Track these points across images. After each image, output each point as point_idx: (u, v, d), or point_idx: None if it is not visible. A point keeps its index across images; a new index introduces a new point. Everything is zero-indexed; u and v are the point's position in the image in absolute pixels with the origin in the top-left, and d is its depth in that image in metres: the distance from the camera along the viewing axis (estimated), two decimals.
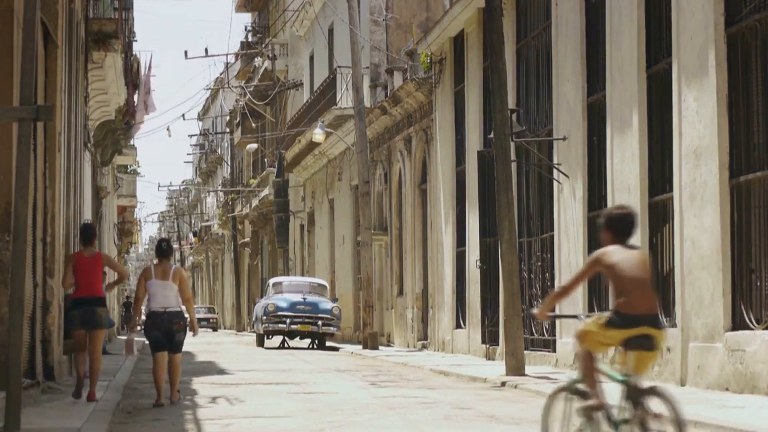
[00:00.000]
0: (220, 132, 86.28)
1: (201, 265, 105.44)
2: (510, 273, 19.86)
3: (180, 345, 14.38)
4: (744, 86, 15.24)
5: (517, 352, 19.49)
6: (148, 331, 14.35)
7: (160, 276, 14.29)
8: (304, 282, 38.29)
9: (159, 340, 14.23)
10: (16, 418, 10.30)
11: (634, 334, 8.03)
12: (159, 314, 14.23)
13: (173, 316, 14.27)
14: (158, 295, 14.24)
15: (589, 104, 20.49)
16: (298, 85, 52.87)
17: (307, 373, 21.74)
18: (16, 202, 10.84)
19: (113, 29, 26.19)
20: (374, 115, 36.29)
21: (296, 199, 53.50)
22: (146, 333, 14.44)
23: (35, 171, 15.00)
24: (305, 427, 11.82)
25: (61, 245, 17.69)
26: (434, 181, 31.15)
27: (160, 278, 14.27)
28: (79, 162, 23.29)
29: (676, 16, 16.70)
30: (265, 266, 63.42)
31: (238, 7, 69.88)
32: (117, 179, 53.28)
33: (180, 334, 14.32)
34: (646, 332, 8.09)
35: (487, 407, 14.09)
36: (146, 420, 12.71)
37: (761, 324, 14.60)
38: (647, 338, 8.05)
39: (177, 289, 14.30)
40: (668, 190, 17.22)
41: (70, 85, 20.02)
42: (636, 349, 8.04)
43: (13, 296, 10.63)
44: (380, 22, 38.91)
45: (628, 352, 8.10)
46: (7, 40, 13.87)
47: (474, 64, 27.61)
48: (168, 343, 14.24)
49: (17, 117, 11.02)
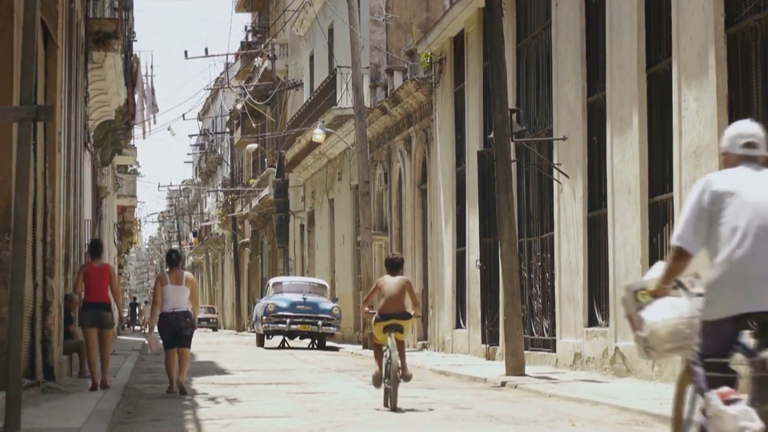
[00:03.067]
0: (220, 132, 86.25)
1: (201, 265, 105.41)
2: (510, 273, 19.86)
3: (187, 339, 16.33)
4: (744, 86, 15.24)
5: (517, 352, 19.49)
6: (160, 331, 16.40)
7: (174, 281, 16.34)
8: (304, 282, 38.29)
9: (169, 339, 16.24)
10: (16, 418, 10.30)
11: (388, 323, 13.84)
12: (168, 315, 16.21)
13: (180, 315, 16.22)
14: (172, 299, 16.26)
15: (589, 104, 20.49)
16: (298, 85, 52.87)
17: (307, 373, 21.74)
18: (16, 202, 10.84)
19: (113, 29, 26.19)
20: (374, 115, 36.28)
21: (296, 199, 53.50)
22: (159, 332, 16.47)
23: (35, 171, 15.00)
24: (305, 427, 11.82)
25: (61, 245, 17.69)
26: (434, 181, 31.14)
27: (175, 283, 16.33)
28: (79, 162, 23.29)
29: (676, 16, 16.70)
30: (265, 266, 63.42)
31: (238, 7, 69.87)
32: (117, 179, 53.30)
33: (187, 330, 16.28)
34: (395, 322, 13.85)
35: (487, 407, 14.09)
36: (146, 420, 12.71)
37: None
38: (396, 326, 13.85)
39: (189, 293, 16.36)
40: (668, 190, 17.22)
41: (70, 85, 20.02)
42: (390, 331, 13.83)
43: (13, 296, 10.63)
44: (380, 22, 38.90)
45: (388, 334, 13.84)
46: (7, 40, 13.87)
47: (474, 64, 27.61)
48: (177, 339, 16.21)
49: (17, 117, 11.02)
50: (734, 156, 6.68)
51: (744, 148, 6.63)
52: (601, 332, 19.42)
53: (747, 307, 6.31)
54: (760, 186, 6.49)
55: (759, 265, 6.29)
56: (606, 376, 18.76)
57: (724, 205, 6.47)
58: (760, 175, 6.56)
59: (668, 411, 12.51)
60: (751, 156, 6.62)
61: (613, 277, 18.89)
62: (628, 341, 18.17)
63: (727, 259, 6.41)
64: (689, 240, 6.63)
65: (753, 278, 6.31)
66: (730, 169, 6.67)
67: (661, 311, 6.91)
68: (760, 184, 6.50)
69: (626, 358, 18.30)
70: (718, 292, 6.47)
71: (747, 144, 6.63)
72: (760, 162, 6.64)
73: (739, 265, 6.36)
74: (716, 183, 6.56)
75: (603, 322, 19.64)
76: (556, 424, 12.25)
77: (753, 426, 6.10)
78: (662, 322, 6.90)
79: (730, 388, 6.31)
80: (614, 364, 18.78)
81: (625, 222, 18.46)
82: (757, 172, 6.59)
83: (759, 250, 6.32)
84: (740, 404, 6.21)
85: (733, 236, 6.41)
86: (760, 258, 6.30)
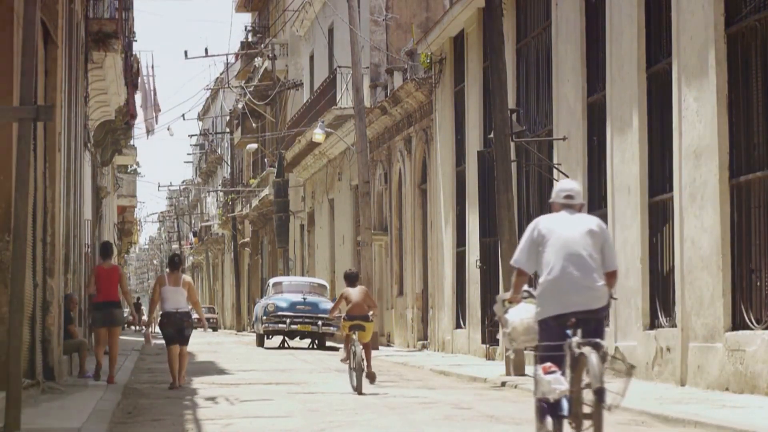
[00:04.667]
0: (220, 132, 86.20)
1: (201, 265, 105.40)
2: (510, 273, 19.85)
3: (187, 339, 17.55)
4: (744, 86, 15.24)
5: (517, 352, 19.49)
6: (163, 328, 17.44)
7: (172, 283, 17.45)
8: (304, 282, 38.27)
9: (171, 336, 17.35)
10: (16, 418, 10.30)
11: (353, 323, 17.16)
12: (172, 314, 17.33)
13: (183, 315, 17.42)
14: (171, 299, 17.38)
15: (589, 104, 20.49)
16: (298, 85, 52.86)
17: (307, 373, 21.74)
18: (16, 202, 10.84)
19: (113, 29, 26.18)
20: (374, 115, 36.28)
21: (296, 199, 53.49)
22: (162, 329, 17.53)
23: (35, 171, 15.00)
24: (305, 427, 11.83)
25: (61, 245, 17.69)
26: (434, 181, 31.15)
27: (173, 285, 17.43)
28: (79, 162, 23.30)
29: (676, 16, 16.70)
30: (265, 266, 63.42)
31: (238, 7, 69.86)
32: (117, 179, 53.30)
33: (188, 330, 17.49)
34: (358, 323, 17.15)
35: (487, 407, 14.09)
36: (146, 420, 12.72)
37: (761, 324, 14.60)
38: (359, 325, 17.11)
39: (186, 294, 17.45)
40: (668, 190, 17.23)
41: (70, 85, 20.02)
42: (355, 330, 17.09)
43: (13, 296, 10.63)
44: (380, 22, 38.89)
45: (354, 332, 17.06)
46: (7, 40, 13.86)
47: (474, 64, 27.61)
48: (179, 337, 17.34)
49: (17, 117, 11.03)
50: (557, 204, 9.32)
51: (564, 199, 9.29)
52: None
53: (560, 310, 8.94)
54: (571, 226, 9.11)
55: (567, 282, 8.93)
56: (605, 375, 18.72)
57: (546, 239, 9.07)
58: (573, 218, 9.20)
59: (668, 411, 12.53)
60: (568, 204, 9.26)
61: None
62: (628, 341, 18.17)
63: (546, 278, 9.01)
64: (524, 263, 9.24)
65: (563, 291, 8.94)
66: (555, 213, 9.29)
67: (518, 313, 9.40)
68: (572, 225, 9.12)
69: (626, 358, 18.26)
70: (542, 300, 9.07)
71: (566, 196, 9.30)
72: (575, 208, 9.27)
73: (554, 282, 8.98)
74: (542, 224, 9.20)
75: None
76: None
77: (561, 387, 8.79)
78: (519, 321, 9.40)
79: (553, 364, 8.83)
80: (614, 364, 18.74)
81: (625, 222, 18.46)
82: (572, 215, 9.23)
83: (566, 271, 8.95)
84: (556, 374, 8.79)
85: (550, 262, 9.01)
86: (568, 277, 8.94)
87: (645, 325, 17.77)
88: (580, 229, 9.09)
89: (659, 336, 17.14)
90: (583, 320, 8.94)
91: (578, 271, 8.94)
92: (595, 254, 9.03)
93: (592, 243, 9.04)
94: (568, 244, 8.99)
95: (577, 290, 8.93)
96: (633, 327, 18.07)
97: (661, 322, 17.43)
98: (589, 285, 8.93)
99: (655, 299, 17.72)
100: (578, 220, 9.19)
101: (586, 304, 8.95)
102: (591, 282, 8.94)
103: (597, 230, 9.16)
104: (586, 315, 8.95)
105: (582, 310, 8.93)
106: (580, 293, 8.94)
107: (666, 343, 16.85)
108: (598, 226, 9.20)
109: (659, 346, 17.08)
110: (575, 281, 8.93)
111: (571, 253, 8.96)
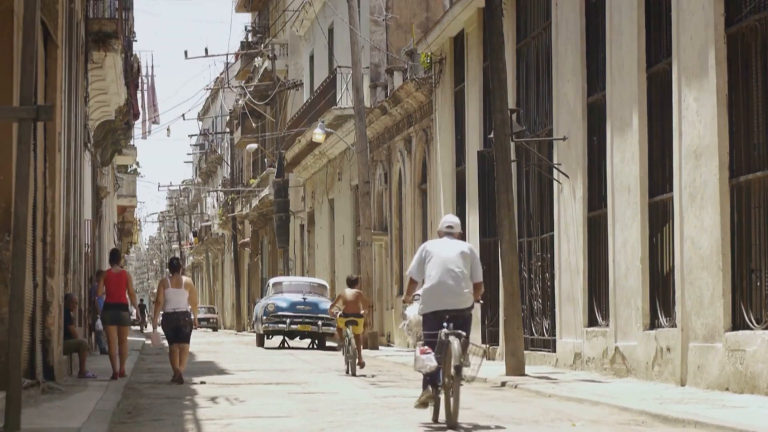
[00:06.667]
0: (220, 132, 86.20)
1: (201, 265, 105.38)
2: (510, 273, 19.87)
3: (187, 336, 18.80)
4: (744, 86, 15.23)
5: (517, 352, 19.50)
6: (164, 329, 18.86)
7: (174, 285, 18.75)
8: (304, 282, 38.26)
9: (171, 335, 18.70)
10: (16, 418, 10.30)
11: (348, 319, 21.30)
12: (170, 314, 18.66)
13: (181, 315, 18.65)
14: (173, 300, 18.66)
15: (589, 104, 20.49)
16: (298, 85, 52.86)
17: (307, 373, 21.74)
18: (16, 202, 10.83)
19: (113, 29, 26.20)
20: (374, 115, 36.28)
21: (296, 199, 53.49)
22: (162, 329, 18.98)
23: (35, 171, 14.99)
24: (305, 427, 11.83)
25: (61, 245, 17.69)
26: (434, 181, 31.15)
27: (175, 286, 18.73)
28: (79, 162, 23.31)
29: (676, 16, 16.70)
30: (265, 266, 63.41)
31: (238, 7, 69.85)
32: (117, 179, 53.32)
33: (187, 328, 18.72)
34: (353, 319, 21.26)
35: (487, 407, 14.09)
36: (146, 420, 12.71)
37: (761, 324, 14.60)
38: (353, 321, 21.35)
39: (188, 295, 18.76)
40: (668, 190, 17.22)
41: (70, 85, 20.02)
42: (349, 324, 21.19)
43: (13, 296, 10.63)
44: (380, 22, 38.90)
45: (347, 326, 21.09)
46: (7, 40, 13.86)
47: (474, 64, 27.61)
48: (177, 335, 18.63)
49: (17, 117, 11.02)
50: (441, 232, 12.39)
51: (446, 228, 12.37)
52: (601, 332, 19.42)
53: (437, 308, 11.92)
54: (449, 249, 12.11)
55: (443, 288, 11.91)
56: (606, 376, 18.76)
57: (430, 257, 12.08)
58: (451, 243, 12.21)
59: (668, 411, 12.54)
60: (449, 232, 12.34)
61: (613, 277, 18.89)
62: (628, 341, 18.18)
63: (428, 284, 12.00)
64: (416, 274, 12.21)
65: (440, 294, 11.93)
66: (439, 239, 12.36)
67: (413, 310, 12.58)
68: (449, 248, 12.12)
69: (626, 358, 18.30)
70: (425, 300, 12.05)
71: (448, 227, 12.39)
72: (454, 236, 12.33)
73: (434, 288, 11.97)
74: (429, 246, 12.27)
75: (603, 322, 19.64)
76: (556, 424, 12.26)
77: (430, 364, 11.66)
78: (413, 315, 12.59)
79: (429, 347, 11.75)
80: (614, 364, 18.78)
81: (625, 222, 18.47)
82: (451, 240, 12.25)
83: (443, 280, 11.93)
84: (429, 354, 11.69)
85: (431, 273, 11.99)
86: (444, 284, 11.93)
87: (645, 325, 17.77)
88: (455, 251, 12.10)
89: (659, 336, 17.15)
90: (454, 316, 11.87)
91: (452, 281, 11.93)
92: (465, 270, 12.04)
93: (463, 262, 12.06)
94: (445, 261, 12.00)
95: (450, 294, 11.93)
96: (633, 327, 18.08)
97: (661, 322, 17.44)
98: (458, 291, 11.94)
99: (655, 299, 17.72)
100: (455, 244, 12.22)
101: (456, 304, 11.94)
102: (460, 289, 11.95)
103: (468, 252, 12.18)
104: (456, 312, 11.91)
105: (453, 309, 11.90)
106: (452, 296, 11.93)
107: (666, 343, 16.86)
108: (469, 249, 12.26)
109: (659, 346, 17.08)
110: (449, 288, 11.92)
111: (447, 268, 11.97)
